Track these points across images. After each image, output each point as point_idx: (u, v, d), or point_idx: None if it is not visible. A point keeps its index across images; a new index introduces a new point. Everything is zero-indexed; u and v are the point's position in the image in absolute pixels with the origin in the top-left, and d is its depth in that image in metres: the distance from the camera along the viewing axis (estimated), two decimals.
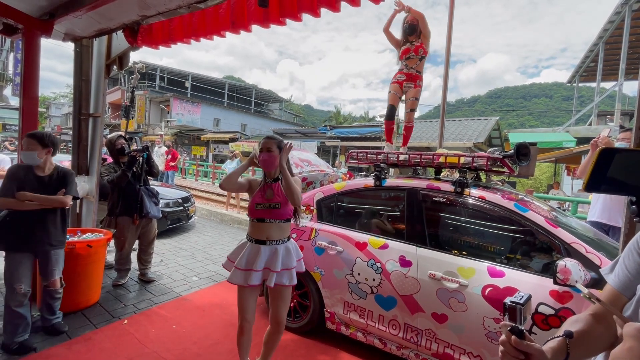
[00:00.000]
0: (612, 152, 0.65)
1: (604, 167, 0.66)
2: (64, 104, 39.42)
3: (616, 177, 0.66)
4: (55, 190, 2.44)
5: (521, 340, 0.69)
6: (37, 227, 2.39)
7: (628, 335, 0.55)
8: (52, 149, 2.46)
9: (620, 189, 0.71)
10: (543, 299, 1.79)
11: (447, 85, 4.80)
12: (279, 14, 2.32)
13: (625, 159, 0.66)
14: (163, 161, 9.73)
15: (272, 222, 1.99)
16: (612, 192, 0.74)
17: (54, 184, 2.45)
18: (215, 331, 2.75)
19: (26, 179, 2.35)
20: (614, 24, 12.92)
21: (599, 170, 0.66)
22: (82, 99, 3.79)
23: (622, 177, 0.66)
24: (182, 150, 22.20)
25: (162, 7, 2.75)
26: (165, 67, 26.68)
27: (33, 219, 2.37)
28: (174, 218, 5.78)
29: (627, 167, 0.66)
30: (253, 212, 2.01)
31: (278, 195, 2.00)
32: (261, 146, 2.01)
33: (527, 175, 2.44)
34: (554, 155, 10.03)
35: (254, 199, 2.01)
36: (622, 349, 0.55)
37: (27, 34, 3.12)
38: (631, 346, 0.54)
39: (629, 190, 0.68)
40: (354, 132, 17.39)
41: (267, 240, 1.98)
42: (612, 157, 0.65)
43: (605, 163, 0.65)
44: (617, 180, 0.67)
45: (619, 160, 0.65)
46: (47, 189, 2.41)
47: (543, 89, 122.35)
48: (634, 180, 0.66)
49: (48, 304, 2.56)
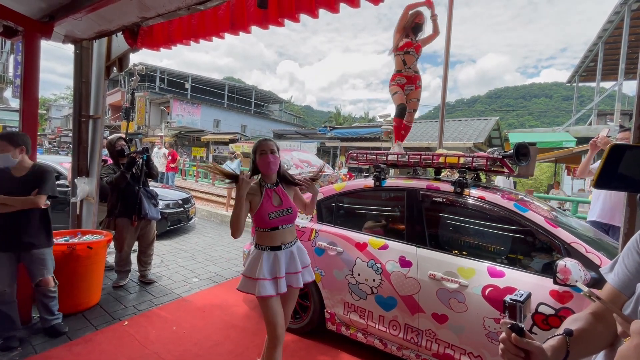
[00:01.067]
0: (623, 149, 0.65)
1: (614, 164, 0.65)
2: (64, 106, 39.49)
3: (627, 173, 0.65)
4: (33, 189, 2.39)
5: (521, 337, 0.70)
6: (15, 229, 2.35)
7: (635, 332, 0.55)
8: (24, 147, 2.42)
9: (631, 185, 0.70)
10: (543, 299, 1.79)
11: (447, 86, 4.81)
12: (278, 14, 2.32)
13: (637, 155, 0.65)
14: (163, 162, 9.73)
15: (286, 228, 1.96)
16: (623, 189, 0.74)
17: (31, 183, 2.40)
18: (216, 332, 2.75)
19: (1, 181, 2.31)
20: (613, 24, 12.94)
21: (609, 167, 0.65)
22: (82, 100, 3.79)
23: (633, 174, 0.66)
24: (182, 152, 22.22)
25: (161, 9, 2.75)
26: (165, 69, 26.74)
27: (10, 221, 2.33)
28: (174, 219, 5.78)
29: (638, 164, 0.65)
30: (267, 223, 1.89)
31: (285, 200, 1.98)
32: (262, 148, 1.95)
33: (526, 175, 2.44)
34: (554, 155, 10.03)
35: (264, 209, 1.89)
36: (629, 346, 0.55)
37: (27, 36, 3.12)
38: (638, 343, 0.54)
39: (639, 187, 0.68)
40: (354, 132, 17.40)
41: (282, 244, 1.95)
42: (623, 154, 0.65)
43: (616, 159, 0.65)
44: (628, 176, 0.66)
45: (630, 157, 0.65)
46: (24, 188, 2.36)
47: (543, 89, 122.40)
48: None
49: (43, 303, 2.55)
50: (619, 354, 0.57)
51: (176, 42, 2.99)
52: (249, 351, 2.49)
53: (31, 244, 2.42)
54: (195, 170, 15.95)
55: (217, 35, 2.76)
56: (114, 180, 3.34)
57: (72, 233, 3.26)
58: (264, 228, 1.92)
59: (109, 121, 25.10)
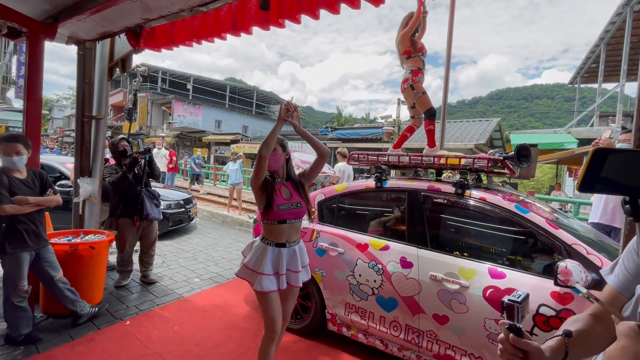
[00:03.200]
0: (606, 153, 0.67)
1: (597, 167, 0.67)
2: (67, 106, 39.62)
3: (609, 176, 0.67)
4: (38, 189, 2.54)
5: (519, 338, 0.71)
6: (33, 227, 2.48)
7: (621, 334, 0.55)
8: (30, 150, 2.55)
9: (613, 188, 0.72)
10: (544, 301, 1.79)
11: (448, 87, 4.80)
12: (278, 15, 2.33)
13: (618, 159, 0.67)
14: (165, 163, 9.76)
15: (293, 223, 1.97)
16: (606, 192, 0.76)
17: (36, 185, 2.55)
18: (217, 332, 2.75)
19: (12, 184, 2.39)
20: (615, 25, 12.91)
21: (592, 170, 0.67)
22: (85, 101, 3.81)
23: (615, 177, 0.68)
24: (183, 152, 22.25)
25: (164, 11, 2.77)
26: (167, 69, 26.78)
27: (29, 220, 2.46)
28: (175, 219, 5.79)
29: (620, 167, 0.67)
30: (276, 215, 1.89)
31: (295, 194, 2.00)
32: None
33: (528, 177, 2.44)
34: (555, 157, 10.00)
35: (275, 201, 1.89)
36: (615, 347, 0.56)
37: (31, 37, 3.14)
38: (624, 345, 0.54)
39: (622, 189, 0.70)
40: (355, 133, 17.40)
41: (287, 242, 1.96)
42: (605, 158, 0.66)
43: (598, 163, 0.67)
44: (611, 179, 0.68)
45: (612, 161, 0.66)
46: (32, 190, 2.50)
47: (545, 90, 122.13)
48: (626, 179, 0.68)
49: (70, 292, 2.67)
50: (606, 355, 0.58)
51: (178, 43, 3.01)
52: (250, 351, 2.49)
53: (46, 240, 2.61)
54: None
55: (219, 36, 2.78)
56: (116, 181, 3.35)
57: (75, 233, 3.28)
58: (272, 221, 1.92)
59: (111, 122, 25.17)
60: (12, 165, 2.40)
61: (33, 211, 2.46)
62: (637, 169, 0.67)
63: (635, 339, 0.53)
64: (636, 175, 0.67)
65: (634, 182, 0.67)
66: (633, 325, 0.55)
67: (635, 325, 0.54)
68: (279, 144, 2.01)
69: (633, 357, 0.52)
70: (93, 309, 2.82)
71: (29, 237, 2.44)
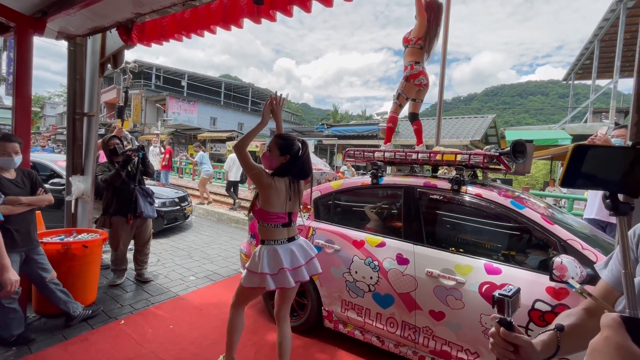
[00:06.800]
0: (585, 149, 0.68)
1: (578, 163, 0.68)
2: (59, 104, 39.12)
3: (590, 172, 0.69)
4: (29, 189, 2.52)
5: (510, 332, 0.72)
6: (24, 227, 2.45)
7: (604, 325, 0.56)
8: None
9: (594, 183, 0.73)
10: (539, 296, 1.80)
11: (444, 83, 4.80)
12: (270, 6, 2.29)
13: (598, 154, 0.69)
14: (159, 160, 9.67)
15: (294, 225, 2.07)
16: (587, 187, 0.78)
17: (27, 184, 2.52)
18: (213, 331, 2.74)
19: (2, 185, 2.36)
20: (609, 22, 12.98)
21: (573, 166, 0.69)
22: (77, 98, 3.74)
23: (595, 172, 0.69)
24: (178, 150, 22.09)
25: (156, 5, 2.72)
26: (161, 66, 26.52)
27: (22, 221, 2.43)
28: (170, 217, 5.75)
29: (599, 163, 0.69)
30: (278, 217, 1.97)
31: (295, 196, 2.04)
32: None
33: (523, 173, 2.44)
34: (550, 153, 10.07)
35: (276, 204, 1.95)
36: (599, 338, 0.57)
37: (19, 32, 3.07)
38: (607, 336, 0.55)
39: (602, 184, 0.71)
40: (351, 130, 17.40)
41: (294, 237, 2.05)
42: (585, 153, 0.68)
43: (579, 159, 0.68)
44: (591, 175, 0.69)
45: (592, 156, 0.68)
46: (23, 190, 2.47)
47: (539, 87, 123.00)
48: (606, 175, 0.69)
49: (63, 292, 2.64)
50: (590, 346, 0.58)
51: (168, 37, 2.94)
52: (246, 349, 2.48)
53: (37, 241, 2.57)
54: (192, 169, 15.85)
55: (209, 30, 2.72)
56: (109, 178, 3.31)
57: (67, 232, 3.23)
58: (275, 224, 1.96)
59: (104, 119, 24.89)
60: (8, 165, 2.38)
61: (25, 212, 2.43)
62: (615, 165, 0.68)
63: (618, 330, 0.53)
64: (614, 171, 0.68)
65: (612, 177, 0.69)
66: (616, 316, 0.55)
67: (617, 316, 0.55)
68: (275, 145, 1.97)
69: (615, 347, 0.53)
70: (87, 311, 2.77)
71: (19, 238, 2.40)
